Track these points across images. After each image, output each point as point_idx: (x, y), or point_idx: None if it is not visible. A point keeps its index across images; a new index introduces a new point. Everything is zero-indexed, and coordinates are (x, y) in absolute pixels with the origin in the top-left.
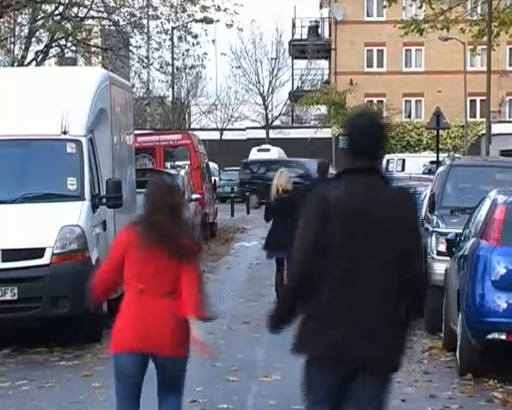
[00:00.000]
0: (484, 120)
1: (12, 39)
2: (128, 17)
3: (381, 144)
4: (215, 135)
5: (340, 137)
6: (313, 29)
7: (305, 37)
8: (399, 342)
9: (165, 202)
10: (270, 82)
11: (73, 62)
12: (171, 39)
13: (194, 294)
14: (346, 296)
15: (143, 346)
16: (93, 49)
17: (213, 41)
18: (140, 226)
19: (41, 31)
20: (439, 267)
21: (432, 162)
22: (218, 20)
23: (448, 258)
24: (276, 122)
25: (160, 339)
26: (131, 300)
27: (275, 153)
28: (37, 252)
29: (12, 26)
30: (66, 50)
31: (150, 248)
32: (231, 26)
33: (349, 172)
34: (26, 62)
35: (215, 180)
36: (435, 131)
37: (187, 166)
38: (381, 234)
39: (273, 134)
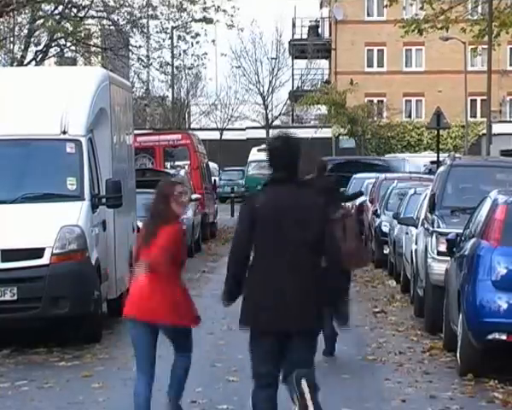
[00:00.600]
0: (484, 119)
1: (12, 39)
2: (128, 17)
3: (293, 161)
4: (215, 135)
5: (341, 138)
6: (313, 29)
7: (305, 36)
8: (316, 306)
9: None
10: (270, 82)
11: (73, 62)
12: (171, 38)
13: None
14: (266, 277)
15: (140, 315)
16: (92, 48)
17: (213, 41)
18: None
19: (40, 30)
20: (440, 267)
21: (432, 162)
22: (217, 21)
23: (448, 258)
24: (276, 122)
25: (153, 310)
26: (136, 278)
27: None
28: (37, 252)
29: (12, 25)
30: (65, 50)
31: (146, 236)
32: (232, 26)
33: (271, 182)
34: (25, 62)
35: (215, 180)
36: (436, 131)
37: (187, 167)
38: (292, 226)
39: (273, 134)
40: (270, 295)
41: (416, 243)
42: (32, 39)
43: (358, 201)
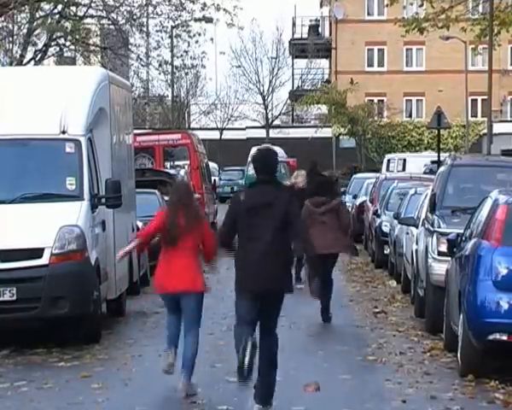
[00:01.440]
0: (485, 119)
1: (11, 38)
2: (127, 16)
3: (271, 167)
4: (215, 134)
5: (341, 137)
6: (313, 28)
7: (305, 36)
8: (285, 275)
9: (181, 194)
10: (271, 81)
11: (72, 62)
12: (171, 37)
13: (209, 248)
14: (249, 252)
15: (173, 288)
16: (92, 48)
17: (212, 40)
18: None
19: (40, 30)
20: (440, 268)
21: (433, 162)
22: (217, 20)
23: (449, 258)
24: (277, 122)
25: (184, 283)
26: (164, 258)
27: None
28: (36, 252)
29: (11, 25)
30: (65, 50)
31: (174, 225)
32: (232, 25)
33: (255, 183)
34: (24, 62)
35: (215, 180)
36: (436, 131)
37: (186, 166)
38: (269, 214)
39: (273, 134)
40: (252, 267)
41: (417, 244)
42: (32, 39)
43: (359, 200)
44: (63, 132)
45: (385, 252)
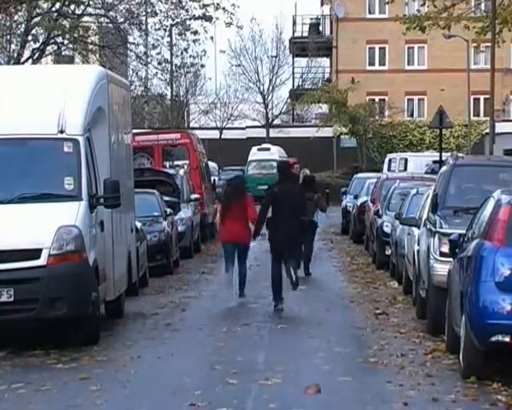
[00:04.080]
0: (487, 118)
1: (8, 37)
2: (126, 14)
3: (289, 171)
4: (214, 134)
5: (342, 137)
6: (314, 26)
7: (305, 34)
8: (297, 235)
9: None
10: (271, 80)
11: (70, 60)
12: (170, 36)
13: (252, 213)
14: (278, 223)
15: (232, 239)
16: (90, 46)
17: (211, 38)
18: (227, 197)
19: (37, 28)
20: (442, 269)
21: (435, 162)
22: (217, 18)
23: (451, 259)
24: (277, 121)
25: (238, 236)
26: (227, 221)
27: (275, 152)
28: (34, 253)
29: (8, 23)
30: (63, 48)
31: (232, 203)
32: (230, 25)
33: (281, 180)
34: (22, 60)
35: (214, 180)
36: (438, 130)
37: (186, 166)
38: (291, 200)
39: (273, 133)
40: (278, 232)
41: (419, 244)
42: (29, 37)
43: (360, 201)
44: (61, 132)
45: (386, 253)
